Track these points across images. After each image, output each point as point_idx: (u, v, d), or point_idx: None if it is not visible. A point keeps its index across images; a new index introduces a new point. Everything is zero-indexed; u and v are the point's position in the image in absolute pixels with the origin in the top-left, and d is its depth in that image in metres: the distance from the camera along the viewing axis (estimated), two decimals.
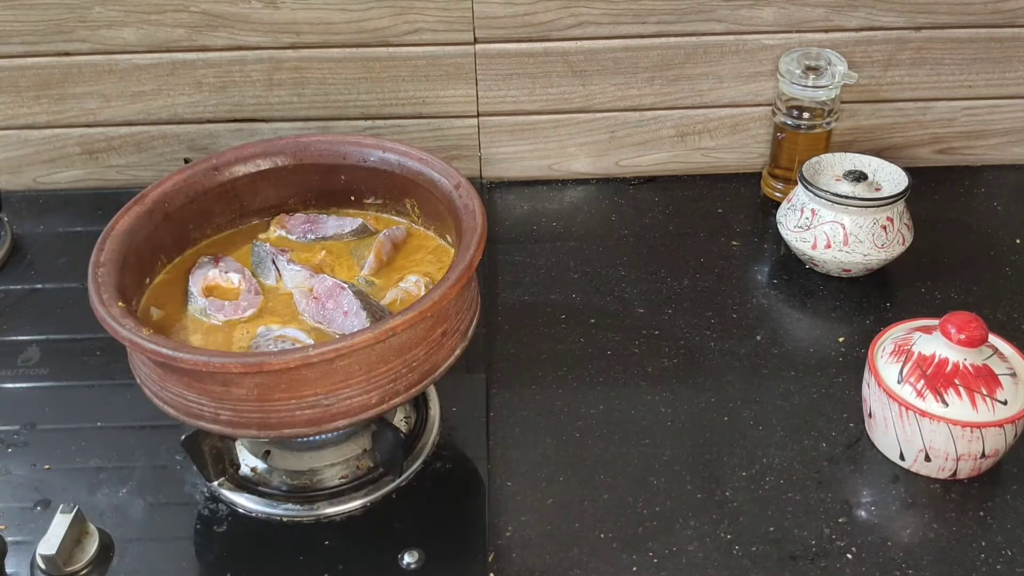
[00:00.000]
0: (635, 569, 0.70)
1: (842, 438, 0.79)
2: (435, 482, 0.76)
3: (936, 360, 0.74)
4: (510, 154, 1.11)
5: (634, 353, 0.88)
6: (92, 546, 0.70)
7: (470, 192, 0.76)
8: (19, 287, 0.98)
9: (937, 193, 1.08)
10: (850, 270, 0.94)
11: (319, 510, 0.74)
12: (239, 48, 1.03)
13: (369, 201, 0.86)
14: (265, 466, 0.77)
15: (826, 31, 1.04)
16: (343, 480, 0.76)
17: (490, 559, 0.70)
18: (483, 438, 0.80)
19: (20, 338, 0.91)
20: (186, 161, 0.84)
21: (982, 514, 0.73)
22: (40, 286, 0.98)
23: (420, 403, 0.82)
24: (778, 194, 1.07)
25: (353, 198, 0.86)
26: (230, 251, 0.82)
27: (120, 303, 0.68)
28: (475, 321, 0.75)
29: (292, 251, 0.81)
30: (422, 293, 0.76)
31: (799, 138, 1.03)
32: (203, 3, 1.00)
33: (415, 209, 0.84)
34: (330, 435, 0.74)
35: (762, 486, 0.75)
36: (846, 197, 0.91)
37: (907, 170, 0.94)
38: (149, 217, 0.78)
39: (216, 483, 0.75)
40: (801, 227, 0.94)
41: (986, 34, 1.04)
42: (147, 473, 0.77)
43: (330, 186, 0.85)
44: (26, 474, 0.78)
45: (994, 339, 0.77)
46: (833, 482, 0.76)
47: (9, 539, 0.71)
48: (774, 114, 1.04)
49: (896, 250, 0.92)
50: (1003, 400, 0.73)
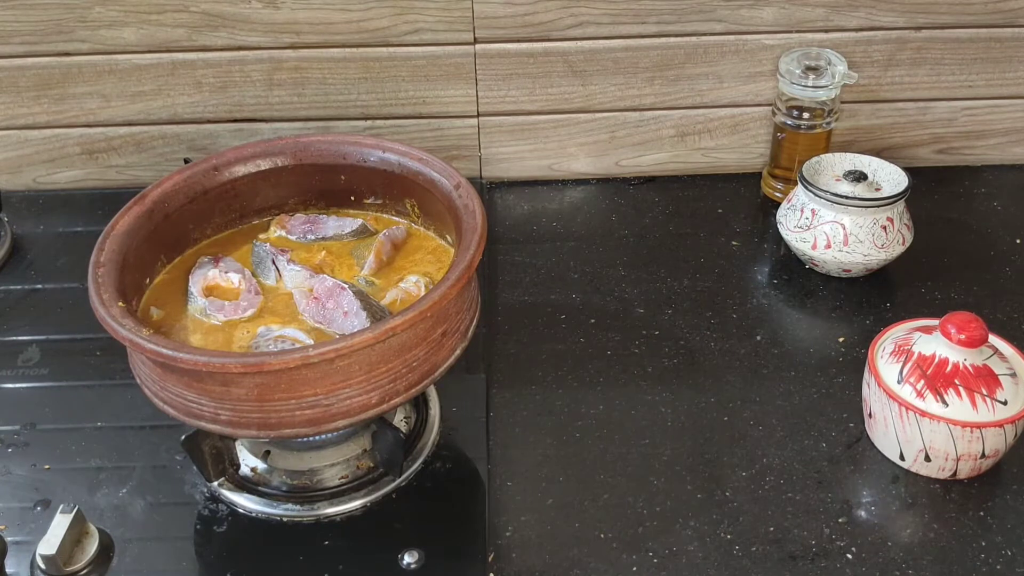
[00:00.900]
0: (635, 569, 0.70)
1: (842, 438, 0.79)
2: (435, 482, 0.76)
3: (936, 360, 0.74)
4: (510, 154, 1.11)
5: (634, 353, 0.88)
6: (92, 546, 0.70)
7: (470, 192, 0.76)
8: (19, 287, 0.98)
9: (937, 193, 1.08)
10: (850, 270, 0.94)
11: (319, 510, 0.74)
12: (239, 48, 1.03)
13: (369, 201, 0.86)
14: (265, 466, 0.77)
15: (826, 31, 1.04)
16: (343, 480, 0.76)
17: (490, 559, 0.70)
18: (483, 438, 0.80)
19: (20, 338, 0.91)
20: (186, 161, 0.84)
21: (982, 514, 0.73)
22: (40, 286, 0.98)
23: (420, 403, 0.82)
24: (778, 194, 1.07)
25: (353, 198, 0.86)
26: (230, 251, 0.82)
27: (120, 303, 0.68)
28: (475, 321, 0.75)
29: (292, 251, 0.81)
30: (422, 293, 0.76)
31: (799, 138, 1.03)
32: (203, 3, 1.00)
33: (415, 209, 0.84)
34: (330, 435, 0.74)
35: (762, 486, 0.75)
36: (846, 197, 0.91)
37: (907, 170, 0.94)
38: (149, 217, 0.78)
39: (216, 483, 0.75)
40: (801, 227, 0.94)
41: (986, 34, 1.04)
42: (147, 473, 0.77)
43: (330, 186, 0.85)
44: (26, 474, 0.77)
45: (994, 339, 0.77)
46: (833, 482, 0.76)
47: (9, 539, 0.71)
48: (774, 114, 1.04)
49: (896, 250, 0.92)
50: (1003, 400, 0.73)
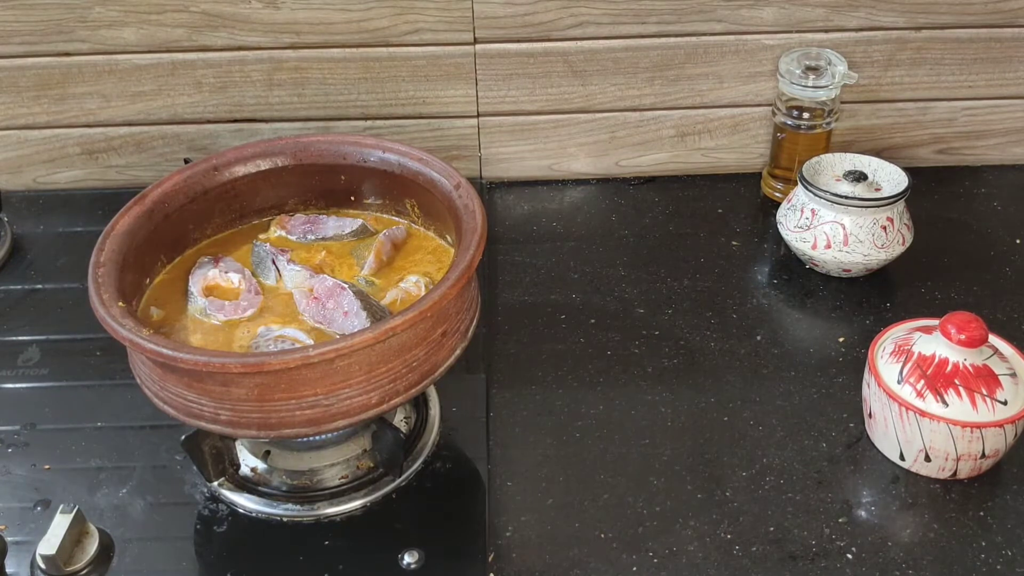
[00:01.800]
0: (635, 569, 0.70)
1: (842, 438, 0.79)
2: (435, 482, 0.76)
3: (936, 360, 0.74)
4: (510, 154, 1.11)
5: (634, 353, 0.88)
6: (92, 546, 0.70)
7: (470, 192, 0.76)
8: (19, 287, 0.98)
9: (937, 193, 1.08)
10: (850, 270, 0.94)
11: (319, 510, 0.74)
12: (239, 48, 1.03)
13: (369, 201, 0.86)
14: (265, 466, 0.77)
15: (826, 31, 1.04)
16: (343, 480, 0.76)
17: (490, 559, 0.70)
18: (483, 438, 0.79)
19: (20, 338, 0.91)
20: (186, 161, 0.84)
21: (982, 514, 0.73)
22: (40, 286, 0.98)
23: (420, 403, 0.82)
24: (778, 194, 1.07)
25: (353, 198, 0.86)
26: (230, 251, 0.82)
27: (120, 303, 0.68)
28: (475, 321, 0.75)
29: (292, 251, 0.81)
30: (422, 293, 0.76)
31: (799, 138, 1.03)
32: (203, 3, 1.00)
33: (415, 209, 0.84)
34: (330, 435, 0.74)
35: (762, 486, 0.75)
36: (846, 197, 0.91)
37: (907, 170, 0.94)
38: (149, 217, 0.78)
39: (216, 483, 0.75)
40: (801, 227, 0.94)
41: (986, 34, 1.04)
42: (147, 473, 0.77)
43: (330, 186, 0.85)
44: (26, 474, 0.77)
45: (994, 339, 0.77)
46: (833, 482, 0.76)
47: (9, 539, 0.71)
48: (774, 114, 1.04)
49: (896, 250, 0.92)
50: (1003, 400, 0.73)
